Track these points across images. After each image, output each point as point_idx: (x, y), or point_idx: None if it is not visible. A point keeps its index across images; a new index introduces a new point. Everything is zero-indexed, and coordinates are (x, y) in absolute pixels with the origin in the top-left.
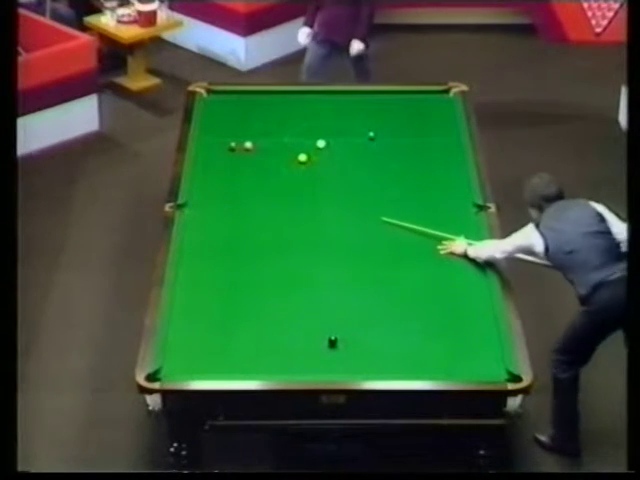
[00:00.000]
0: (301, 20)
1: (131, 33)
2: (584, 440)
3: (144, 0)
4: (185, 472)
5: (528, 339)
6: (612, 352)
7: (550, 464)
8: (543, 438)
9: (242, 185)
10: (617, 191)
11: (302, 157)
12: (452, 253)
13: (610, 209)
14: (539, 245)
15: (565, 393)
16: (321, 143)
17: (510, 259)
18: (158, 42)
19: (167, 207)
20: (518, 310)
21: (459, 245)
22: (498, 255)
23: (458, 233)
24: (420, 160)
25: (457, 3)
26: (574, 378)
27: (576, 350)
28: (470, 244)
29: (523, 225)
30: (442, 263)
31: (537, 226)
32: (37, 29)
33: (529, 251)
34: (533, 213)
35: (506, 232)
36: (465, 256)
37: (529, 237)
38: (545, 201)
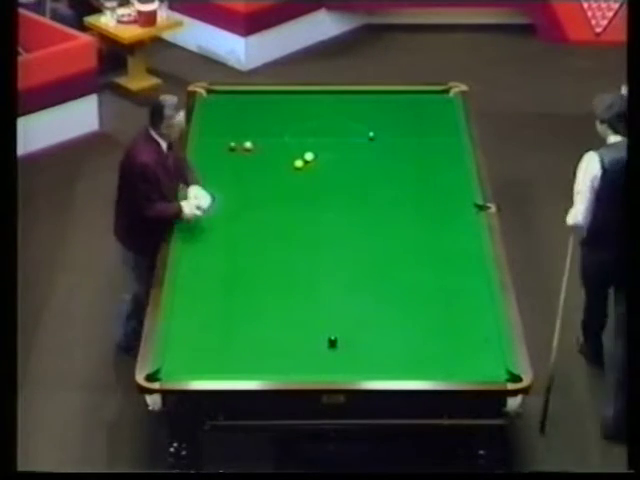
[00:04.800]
0: (301, 20)
1: (131, 33)
2: (584, 440)
3: (144, 0)
4: (185, 472)
5: (528, 339)
6: (612, 353)
7: (550, 464)
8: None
9: (242, 185)
10: None
11: (298, 163)
12: None
13: None
14: (597, 168)
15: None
16: (309, 156)
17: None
18: (158, 42)
19: None
20: (518, 310)
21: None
22: (582, 203)
23: (458, 233)
24: (420, 160)
25: (457, 3)
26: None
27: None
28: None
29: (523, 225)
30: (442, 263)
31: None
32: (37, 29)
33: (593, 179)
34: (601, 128)
35: (506, 232)
36: (465, 255)
37: (590, 159)
38: (619, 121)
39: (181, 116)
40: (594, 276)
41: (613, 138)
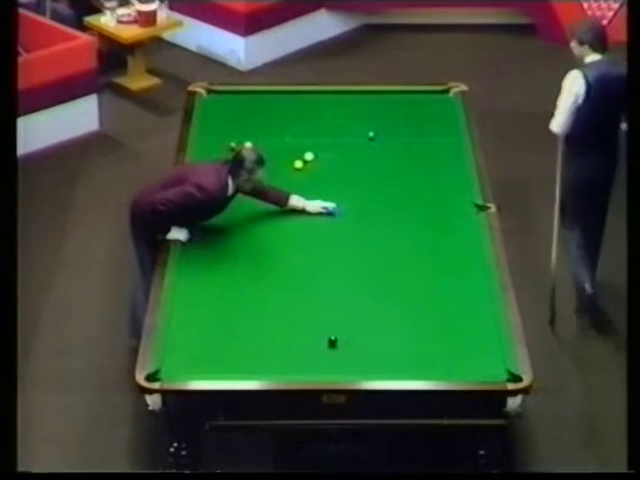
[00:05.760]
0: (301, 20)
1: (131, 33)
2: (584, 440)
3: (144, 0)
4: (185, 472)
5: (528, 339)
6: (612, 353)
7: (550, 464)
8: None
9: None
10: (617, 191)
11: (298, 164)
12: None
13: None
14: (581, 85)
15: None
16: (309, 156)
17: None
18: (158, 42)
19: None
20: (518, 310)
21: None
22: (564, 117)
23: (458, 233)
24: (420, 160)
25: (457, 3)
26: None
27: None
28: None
29: (523, 225)
30: (442, 263)
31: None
32: (37, 29)
33: (577, 97)
34: (578, 49)
35: (506, 232)
36: (465, 255)
37: (574, 77)
38: (598, 40)
39: (260, 173)
40: (583, 184)
41: (591, 57)
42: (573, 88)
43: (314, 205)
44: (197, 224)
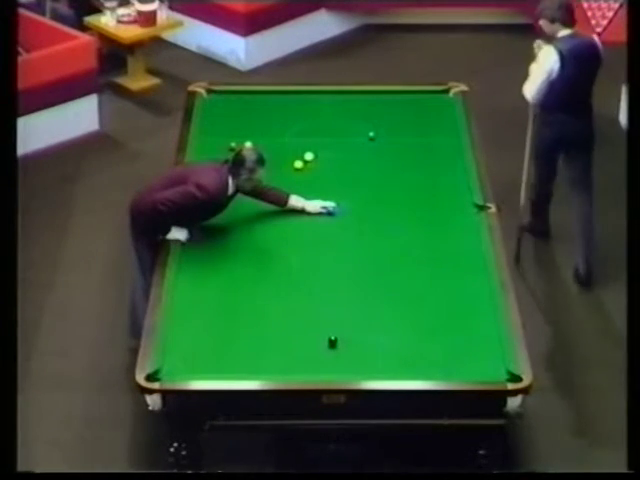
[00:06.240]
0: (301, 20)
1: (131, 33)
2: (584, 440)
3: (144, 0)
4: (185, 472)
5: (528, 339)
6: (612, 353)
7: (550, 464)
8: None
9: None
10: (617, 191)
11: (298, 164)
12: None
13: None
14: (555, 60)
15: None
16: (309, 156)
17: None
18: (158, 42)
19: None
20: (518, 310)
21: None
22: (536, 86)
23: (458, 233)
24: (420, 160)
25: (457, 3)
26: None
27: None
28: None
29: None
30: (442, 263)
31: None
32: (37, 29)
33: (550, 71)
34: (549, 27)
35: (506, 232)
36: (465, 255)
37: (549, 53)
38: (567, 15)
39: (261, 172)
40: (549, 145)
41: (562, 32)
42: (547, 63)
43: (314, 205)
44: (197, 224)
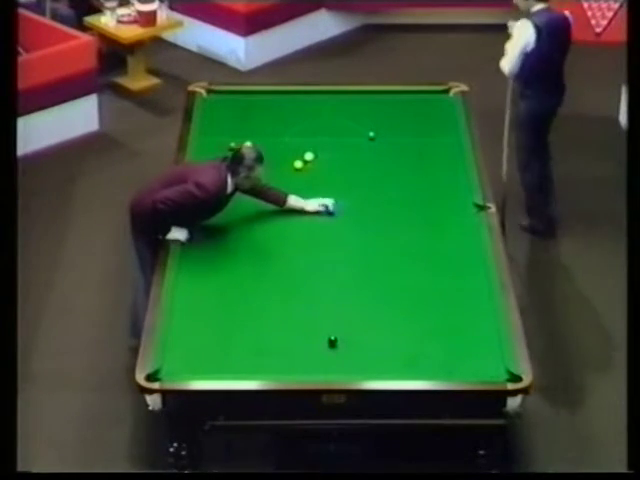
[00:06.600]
0: (301, 20)
1: (131, 33)
2: (584, 440)
3: (144, 0)
4: (185, 472)
5: (528, 339)
6: (612, 353)
7: (550, 464)
8: (524, 223)
9: None
10: (617, 191)
11: (298, 164)
12: None
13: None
14: (531, 33)
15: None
16: (309, 156)
17: None
18: (158, 42)
19: None
20: (518, 310)
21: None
22: (513, 60)
23: (458, 233)
24: (420, 160)
25: (457, 3)
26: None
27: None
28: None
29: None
30: (442, 263)
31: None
32: (37, 29)
33: (527, 44)
34: (524, 4)
35: (506, 232)
36: (465, 255)
37: (525, 26)
38: None
39: (260, 170)
40: (531, 117)
41: (537, 6)
42: (523, 37)
43: (312, 204)
44: (197, 224)
